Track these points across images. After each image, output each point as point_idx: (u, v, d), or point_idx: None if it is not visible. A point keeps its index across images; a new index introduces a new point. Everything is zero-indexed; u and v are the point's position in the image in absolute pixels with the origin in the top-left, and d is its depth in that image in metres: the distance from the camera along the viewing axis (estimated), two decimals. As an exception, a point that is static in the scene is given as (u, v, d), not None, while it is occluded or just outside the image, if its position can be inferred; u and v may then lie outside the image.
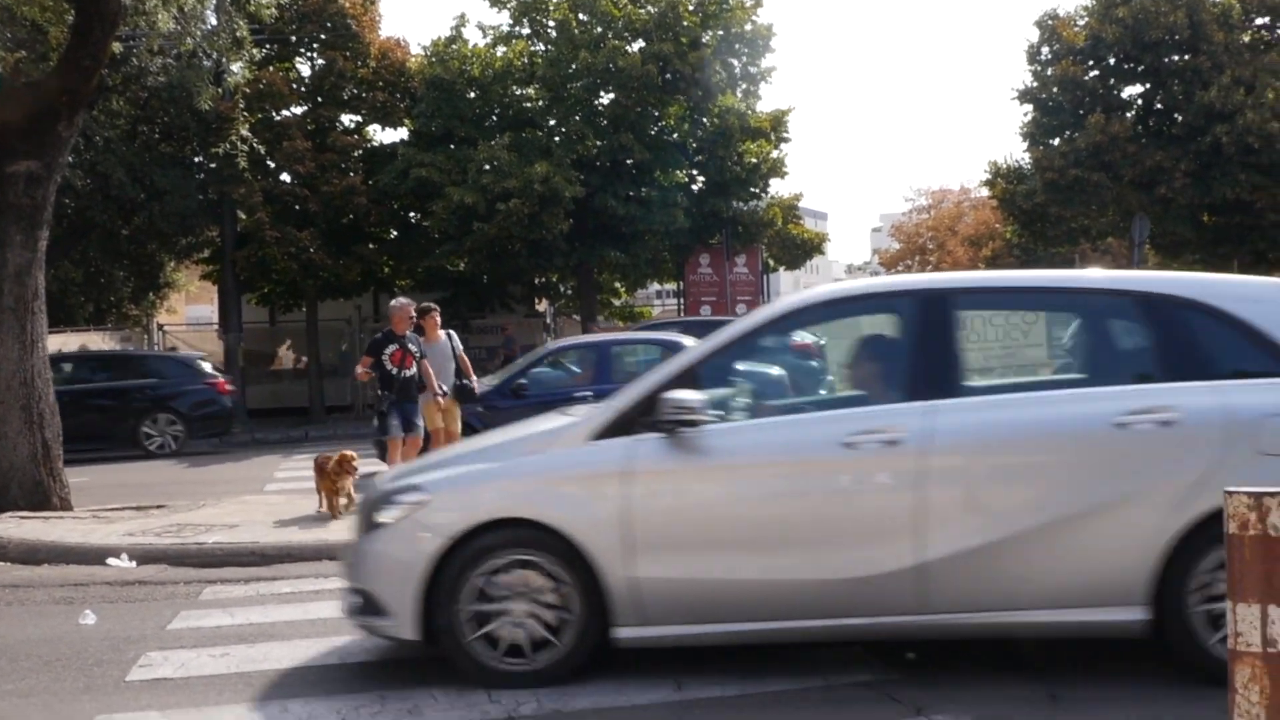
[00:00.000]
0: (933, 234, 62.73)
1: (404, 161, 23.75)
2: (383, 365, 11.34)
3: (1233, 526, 2.99)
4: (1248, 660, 2.94)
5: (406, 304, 11.71)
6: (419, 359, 11.46)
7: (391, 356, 11.34)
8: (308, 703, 5.30)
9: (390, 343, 11.43)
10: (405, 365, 11.35)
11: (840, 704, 4.98)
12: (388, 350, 11.38)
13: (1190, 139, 25.75)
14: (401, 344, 11.45)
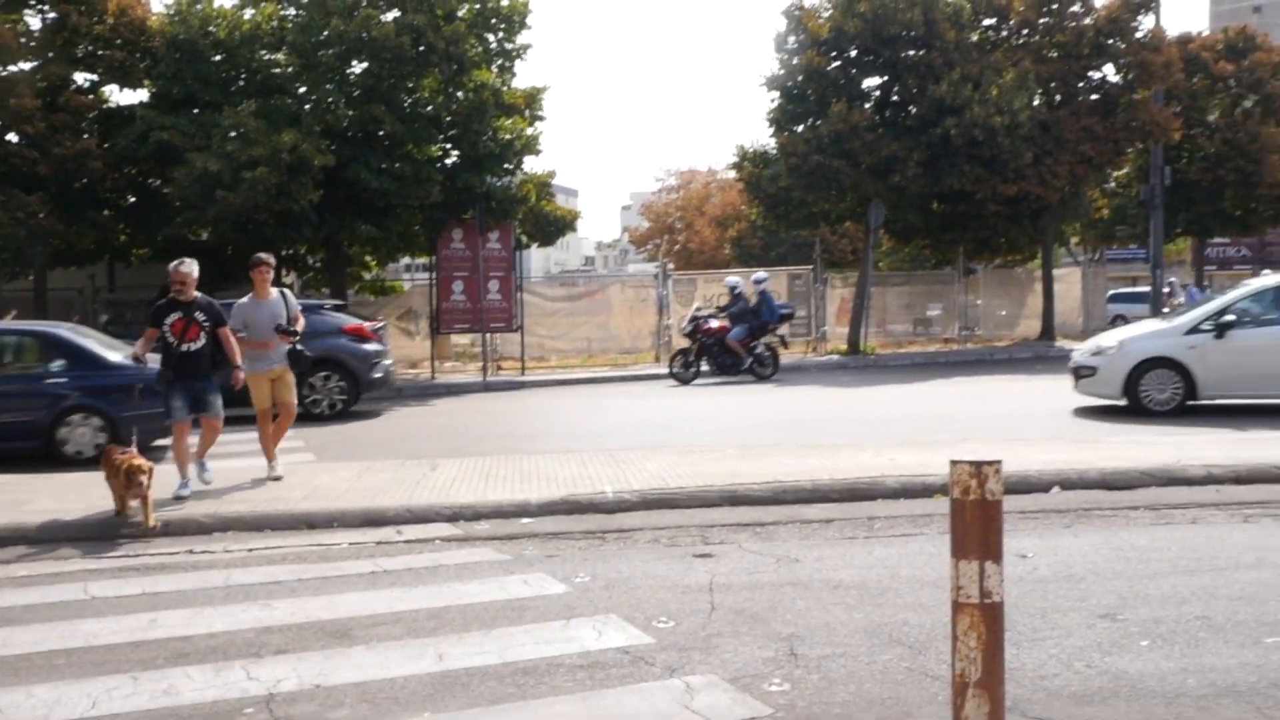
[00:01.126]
0: (681, 214, 64.15)
1: (144, 124, 23.19)
2: (164, 338, 10.26)
3: (956, 492, 3.38)
4: (967, 610, 3.35)
5: (186, 268, 10.37)
6: (209, 329, 10.33)
7: (172, 326, 10.21)
8: (55, 686, 5.51)
9: (173, 310, 10.27)
10: (189, 337, 10.23)
11: (597, 669, 5.46)
12: (169, 319, 10.23)
13: (922, 130, 27.53)
14: (186, 312, 10.30)
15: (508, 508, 9.57)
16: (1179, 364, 14.94)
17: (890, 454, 11.39)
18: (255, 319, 11.10)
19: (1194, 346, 14.88)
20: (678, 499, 9.72)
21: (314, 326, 17.83)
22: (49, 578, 7.85)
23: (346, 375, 18.56)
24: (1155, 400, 15.01)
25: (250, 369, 10.88)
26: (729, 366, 23.08)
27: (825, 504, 9.56)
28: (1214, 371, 14.86)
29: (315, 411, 18.08)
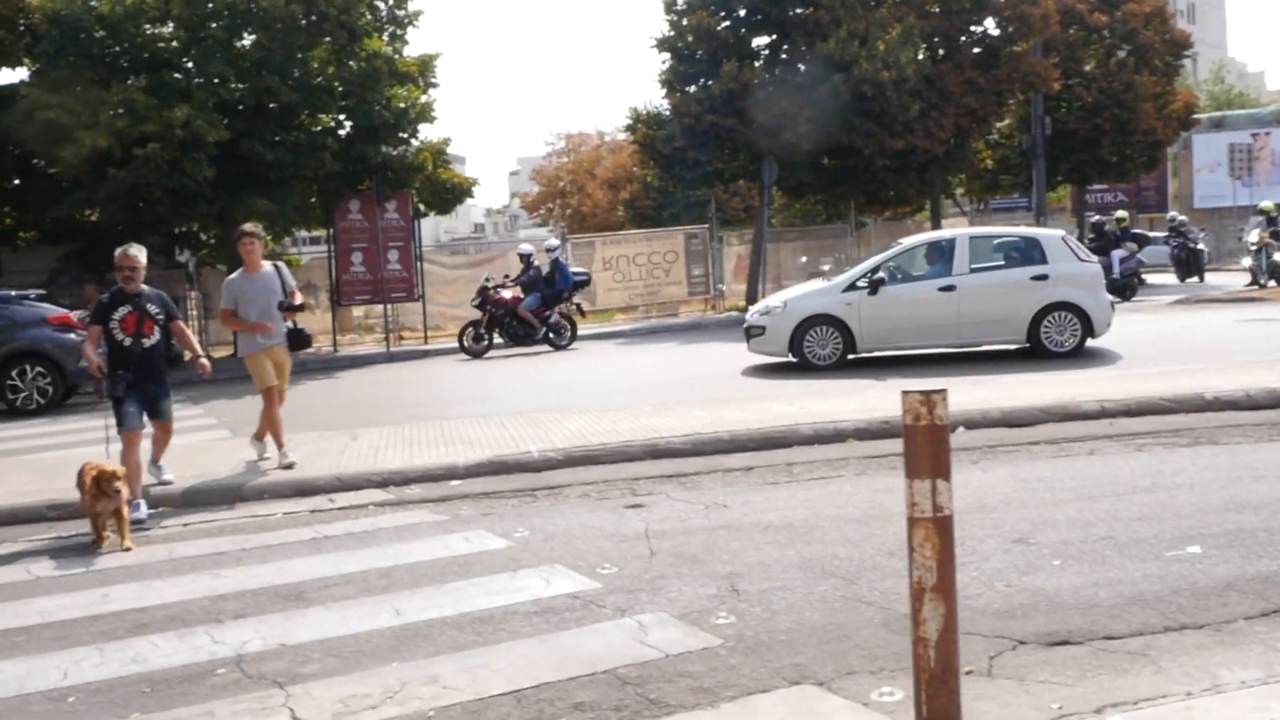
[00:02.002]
0: (572, 177, 64.13)
1: (28, 104, 22.51)
2: (112, 336, 9.19)
3: (908, 419, 3.64)
4: (922, 524, 3.62)
5: (135, 253, 9.26)
6: (163, 322, 9.34)
7: (124, 323, 9.15)
8: (22, 661, 5.63)
9: (120, 304, 9.20)
10: (145, 332, 9.20)
11: (550, 614, 5.73)
12: (117, 314, 9.15)
13: (812, 87, 28.00)
14: (137, 305, 9.22)
15: (437, 471, 9.78)
16: (838, 320, 15.87)
17: (801, 403, 11.81)
18: (249, 295, 10.28)
19: (850, 303, 15.85)
20: (601, 455, 10.02)
21: (14, 318, 18.00)
22: None
23: (51, 367, 17.94)
24: (818, 355, 15.95)
25: (249, 347, 10.41)
26: (523, 337, 22.80)
27: (744, 453, 9.93)
28: (869, 325, 15.93)
29: (19, 406, 17.67)
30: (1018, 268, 15.90)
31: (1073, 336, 15.55)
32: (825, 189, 33.29)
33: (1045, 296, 15.52)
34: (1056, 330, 15.56)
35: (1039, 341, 15.57)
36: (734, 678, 4.70)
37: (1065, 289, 15.56)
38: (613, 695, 4.59)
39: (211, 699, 4.86)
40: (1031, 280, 15.64)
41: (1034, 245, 16.07)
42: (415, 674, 4.97)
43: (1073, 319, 15.54)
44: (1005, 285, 15.74)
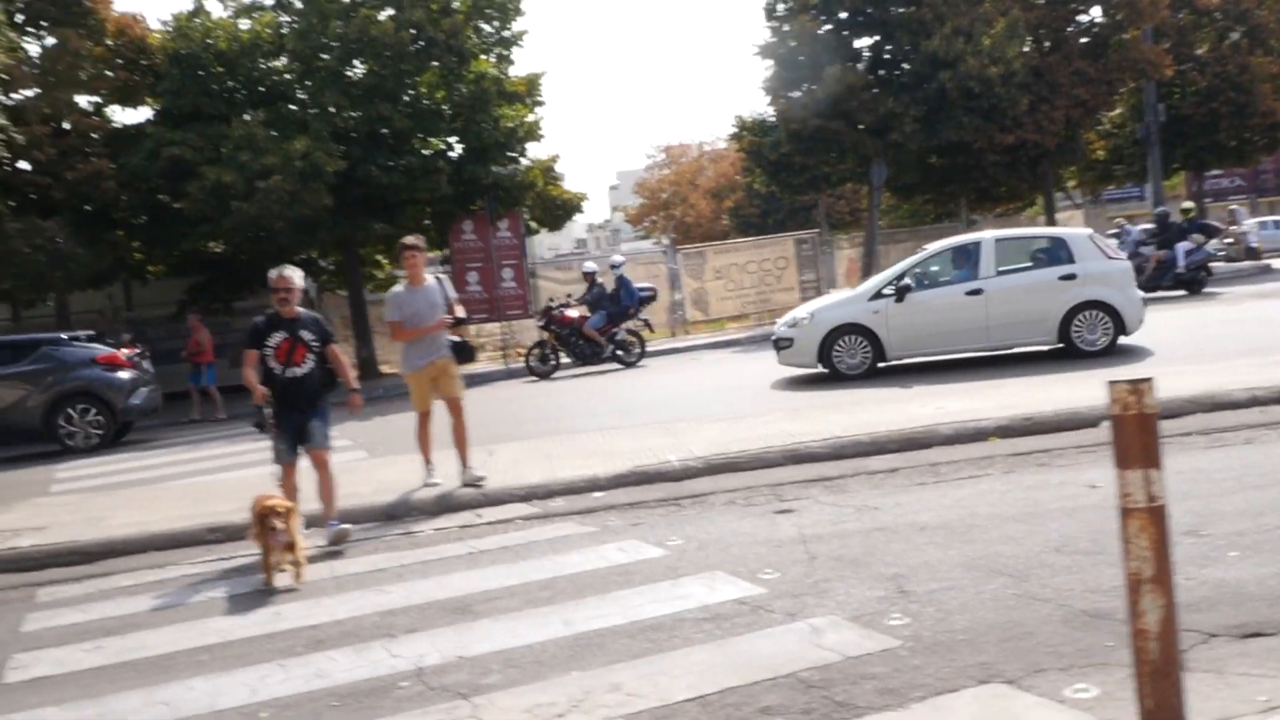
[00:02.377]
0: (675, 189, 64.21)
1: (153, 141, 23.39)
2: (265, 362, 8.73)
3: (1116, 409, 3.60)
4: (1137, 515, 3.57)
5: (290, 274, 8.72)
6: (318, 349, 8.84)
7: (277, 349, 8.67)
8: (210, 679, 5.72)
9: (275, 329, 8.71)
10: (296, 360, 8.71)
11: (720, 620, 5.72)
12: (271, 340, 8.68)
13: (918, 86, 27.74)
14: (291, 330, 8.72)
15: (579, 483, 9.85)
16: (866, 329, 15.79)
17: (937, 403, 11.68)
18: (414, 308, 10.03)
19: (878, 311, 15.74)
20: (741, 462, 10.00)
21: (65, 359, 18.38)
22: (155, 584, 8.13)
23: (102, 406, 18.33)
24: (848, 364, 15.89)
25: (410, 366, 10.18)
26: (589, 356, 22.54)
27: (885, 455, 9.85)
28: (897, 333, 15.78)
29: (70, 444, 18.09)
30: (1045, 268, 15.68)
31: (1104, 335, 15.27)
32: (934, 188, 32.95)
33: (1075, 296, 15.29)
34: (1088, 329, 15.30)
35: (1070, 341, 15.34)
36: (919, 678, 4.66)
37: (1094, 287, 15.30)
38: (798, 698, 4.58)
39: (399, 711, 4.94)
40: (1060, 280, 15.42)
41: (1061, 245, 15.86)
42: (596, 682, 5.01)
43: (1104, 317, 15.28)
44: (1033, 286, 15.54)
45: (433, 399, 10.21)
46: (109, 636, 6.70)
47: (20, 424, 18.15)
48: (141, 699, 5.49)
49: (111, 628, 6.91)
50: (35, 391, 18.09)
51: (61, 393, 18.14)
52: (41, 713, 5.45)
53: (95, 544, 9.56)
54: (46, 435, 18.18)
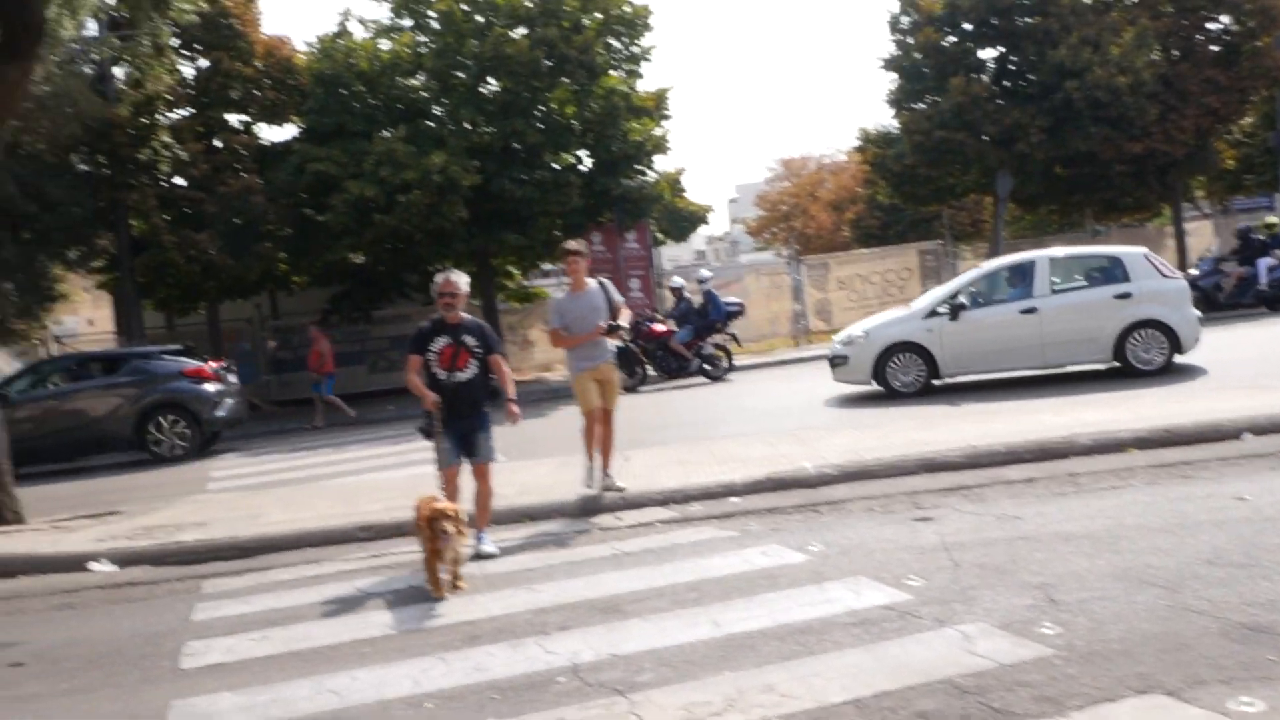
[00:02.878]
0: (795, 201, 63.88)
1: (299, 157, 23.98)
2: (428, 367, 8.52)
3: None
4: None
5: (456, 279, 8.62)
6: (481, 355, 8.56)
7: (440, 354, 8.47)
8: (373, 670, 5.84)
9: (439, 334, 8.51)
10: (459, 366, 8.47)
11: (869, 625, 5.69)
12: (435, 346, 8.47)
13: (1044, 96, 27.27)
14: (454, 336, 8.51)
15: (715, 489, 9.87)
16: (920, 347, 15.64)
17: (1073, 414, 11.44)
18: (575, 314, 9.89)
19: (932, 329, 15.54)
20: (876, 470, 9.92)
21: (155, 371, 18.94)
22: (313, 580, 8.34)
23: (189, 417, 18.79)
24: (902, 382, 15.74)
25: (575, 369, 9.98)
26: (676, 370, 22.40)
27: (1021, 465, 9.68)
28: (951, 351, 15.55)
29: (157, 453, 18.55)
30: (1100, 287, 15.41)
31: (1160, 353, 14.98)
32: (1059, 198, 32.26)
33: (1130, 314, 15.02)
34: (1143, 348, 15.01)
35: (1126, 360, 15.07)
36: (1076, 687, 4.57)
37: (1150, 306, 15.02)
38: (954, 704, 4.52)
39: (559, 705, 5.01)
40: (1115, 299, 15.15)
41: (1116, 263, 15.57)
42: (749, 683, 5.02)
43: (1159, 336, 14.98)
44: (1088, 305, 15.30)
45: (598, 398, 9.93)
46: (274, 627, 6.91)
47: (114, 433, 18.86)
48: (310, 687, 5.65)
49: (275, 619, 7.12)
50: (127, 403, 18.78)
51: (151, 404, 18.75)
52: (218, 697, 5.64)
53: (253, 540, 9.87)
54: (137, 444, 18.83)
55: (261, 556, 9.46)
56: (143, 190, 23.60)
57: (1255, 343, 17.69)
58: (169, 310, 28.05)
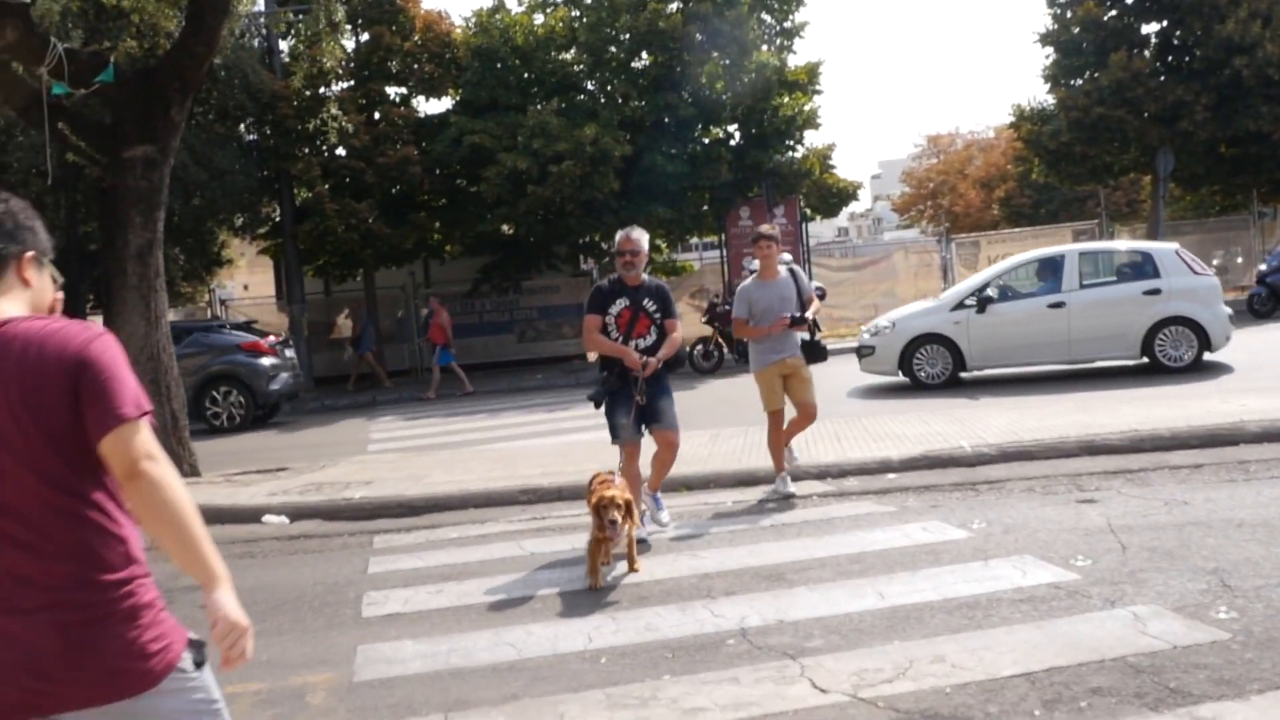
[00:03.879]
0: (943, 178, 62.81)
1: (456, 130, 24.42)
2: (605, 331, 7.84)
3: None
4: None
5: (638, 236, 7.91)
6: (659, 321, 7.86)
7: (619, 317, 7.80)
8: (546, 625, 6.07)
9: (618, 296, 7.83)
10: (638, 332, 7.80)
11: (1037, 602, 5.71)
12: (614, 308, 7.80)
13: (1210, 73, 26.39)
14: (634, 299, 7.80)
15: (871, 464, 9.91)
16: (947, 339, 15.56)
17: (1239, 400, 11.15)
18: (764, 303, 9.11)
19: (959, 322, 15.32)
20: (1035, 450, 9.83)
21: (212, 344, 19.34)
22: (478, 539, 8.64)
23: (244, 389, 19.20)
24: (928, 374, 15.73)
25: (759, 363, 9.16)
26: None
27: (1187, 450, 9.49)
28: (978, 344, 15.32)
29: (215, 424, 18.98)
30: (1130, 282, 15.33)
31: (1189, 350, 14.86)
32: (1223, 179, 31.13)
33: (1159, 311, 14.92)
34: (1172, 345, 14.93)
35: (1154, 356, 14.98)
36: (1254, 671, 4.54)
37: (1179, 303, 14.90)
38: (1129, 682, 4.54)
39: (731, 666, 5.16)
40: (1144, 295, 15.05)
41: (1146, 259, 15.47)
42: (920, 653, 5.10)
43: (1189, 333, 14.85)
44: (1117, 301, 15.20)
45: (783, 398, 9.17)
46: (447, 582, 7.20)
47: None
48: (488, 639, 5.90)
49: (449, 574, 7.42)
50: (186, 374, 19.34)
51: (208, 375, 19.29)
52: (401, 645, 5.93)
53: (420, 499, 10.25)
54: (195, 414, 19.27)
55: (428, 515, 9.81)
56: (307, 160, 24.42)
57: None
58: (327, 277, 29.01)
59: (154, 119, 12.67)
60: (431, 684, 5.29)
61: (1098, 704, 4.36)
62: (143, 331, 12.62)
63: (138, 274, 12.68)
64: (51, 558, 2.42)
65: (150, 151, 12.67)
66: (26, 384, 2.43)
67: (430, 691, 5.19)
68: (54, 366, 2.45)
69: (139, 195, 12.67)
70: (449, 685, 5.25)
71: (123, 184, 12.66)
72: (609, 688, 5.02)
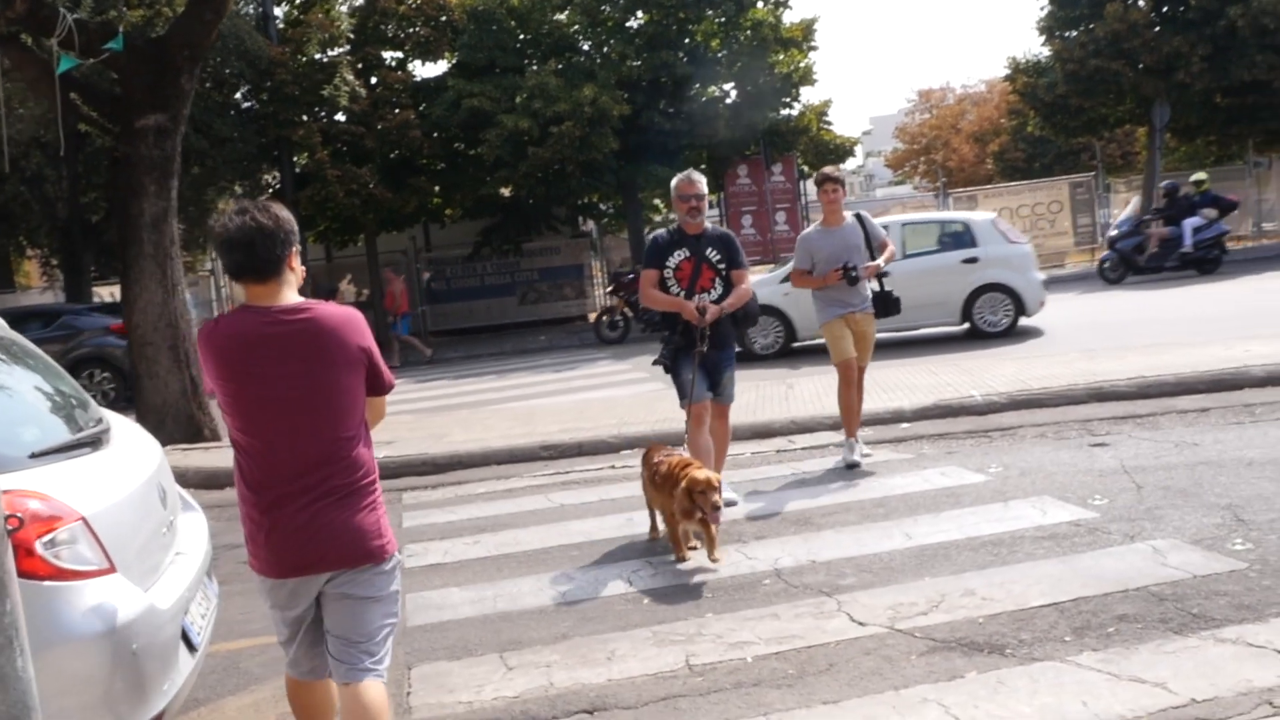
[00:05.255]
0: (936, 133, 62.82)
1: (454, 93, 24.48)
2: (665, 285, 7.16)
3: None
4: None
5: (698, 179, 7.29)
6: (724, 272, 7.17)
7: (679, 270, 7.14)
8: (586, 571, 6.35)
9: (678, 246, 7.16)
10: (702, 285, 7.09)
11: (1060, 539, 5.97)
12: (672, 260, 7.14)
13: (1205, 23, 26.48)
14: (695, 249, 7.13)
15: (884, 415, 10.14)
16: (778, 310, 15.71)
17: (1243, 345, 11.38)
18: (827, 252, 8.36)
19: (788, 293, 14.89)
20: (1044, 398, 10.07)
21: (81, 327, 19.42)
22: (505, 493, 8.87)
23: (114, 372, 18.98)
24: (761, 344, 16.13)
25: (825, 314, 8.45)
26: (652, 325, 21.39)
27: (1194, 395, 9.71)
28: (806, 314, 14.77)
29: None
30: (950, 251, 15.89)
31: (1005, 316, 15.57)
32: (1219, 129, 31.24)
33: (977, 279, 15.56)
34: (990, 311, 15.61)
35: (973, 322, 15.67)
36: (1273, 597, 4.79)
37: (996, 270, 15.56)
38: (1153, 609, 4.79)
39: (770, 604, 5.40)
40: (962, 263, 15.63)
41: (965, 229, 16.07)
42: (950, 587, 5.34)
43: (1005, 299, 15.54)
44: (938, 269, 15.67)
45: (851, 347, 8.39)
46: (483, 533, 7.44)
47: None
48: (531, 584, 6.15)
49: (483, 526, 7.66)
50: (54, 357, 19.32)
51: (77, 358, 19.12)
52: (447, 592, 6.18)
53: (444, 456, 10.45)
54: None
55: (452, 472, 10.02)
56: (308, 127, 24.46)
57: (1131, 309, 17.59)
58: (328, 243, 29.11)
59: (165, 87, 12.77)
60: (483, 626, 5.53)
61: (1125, 630, 4.61)
62: (160, 299, 12.78)
63: (153, 242, 12.82)
64: None
65: (162, 120, 12.79)
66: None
67: (483, 633, 5.43)
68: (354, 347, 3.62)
69: (152, 164, 12.79)
70: (500, 627, 5.49)
71: (135, 153, 12.78)
72: (655, 626, 5.27)
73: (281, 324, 3.48)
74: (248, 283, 3.56)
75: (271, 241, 3.50)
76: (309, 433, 3.49)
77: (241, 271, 3.54)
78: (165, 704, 3.62)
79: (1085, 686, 4.08)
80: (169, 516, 4.33)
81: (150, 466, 4.22)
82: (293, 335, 3.48)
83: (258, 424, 3.51)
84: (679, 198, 7.16)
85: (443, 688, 4.78)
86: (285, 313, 3.50)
